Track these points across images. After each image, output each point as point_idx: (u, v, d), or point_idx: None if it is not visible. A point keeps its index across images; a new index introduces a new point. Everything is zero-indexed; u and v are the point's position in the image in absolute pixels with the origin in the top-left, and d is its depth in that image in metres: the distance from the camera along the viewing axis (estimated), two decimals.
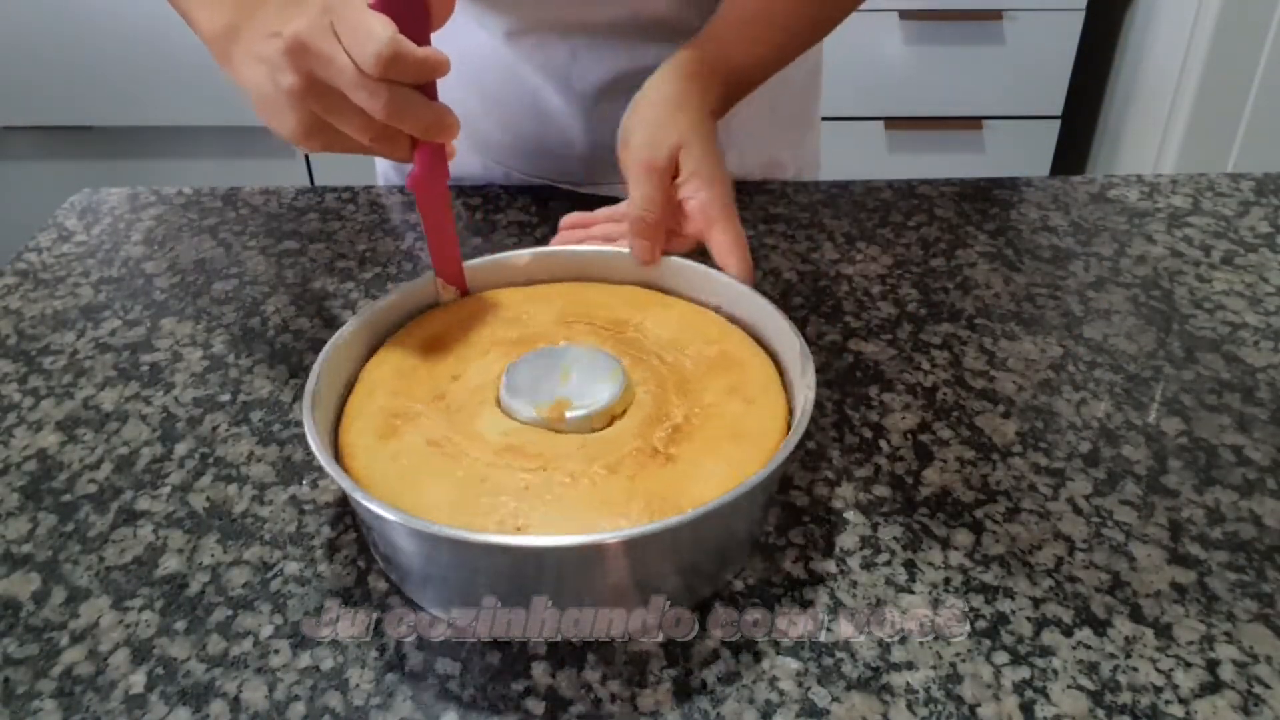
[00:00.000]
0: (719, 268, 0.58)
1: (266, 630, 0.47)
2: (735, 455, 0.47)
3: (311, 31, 0.46)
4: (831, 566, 0.50)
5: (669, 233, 0.60)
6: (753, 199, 0.81)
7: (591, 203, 0.79)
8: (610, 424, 0.49)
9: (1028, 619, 0.47)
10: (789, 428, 0.49)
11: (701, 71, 0.64)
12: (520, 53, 0.76)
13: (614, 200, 0.65)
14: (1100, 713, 0.43)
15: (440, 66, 0.47)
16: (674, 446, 0.48)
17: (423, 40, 0.47)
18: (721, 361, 0.54)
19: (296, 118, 0.49)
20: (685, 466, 0.47)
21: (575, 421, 0.49)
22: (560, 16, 0.74)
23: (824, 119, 0.93)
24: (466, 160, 0.84)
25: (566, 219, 0.66)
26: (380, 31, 0.45)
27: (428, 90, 0.48)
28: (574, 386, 0.50)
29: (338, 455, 0.49)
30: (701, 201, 0.59)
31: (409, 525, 0.42)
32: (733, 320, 0.58)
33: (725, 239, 0.58)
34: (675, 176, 0.60)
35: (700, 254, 0.59)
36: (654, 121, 0.61)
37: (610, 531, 0.43)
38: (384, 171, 0.91)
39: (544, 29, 0.74)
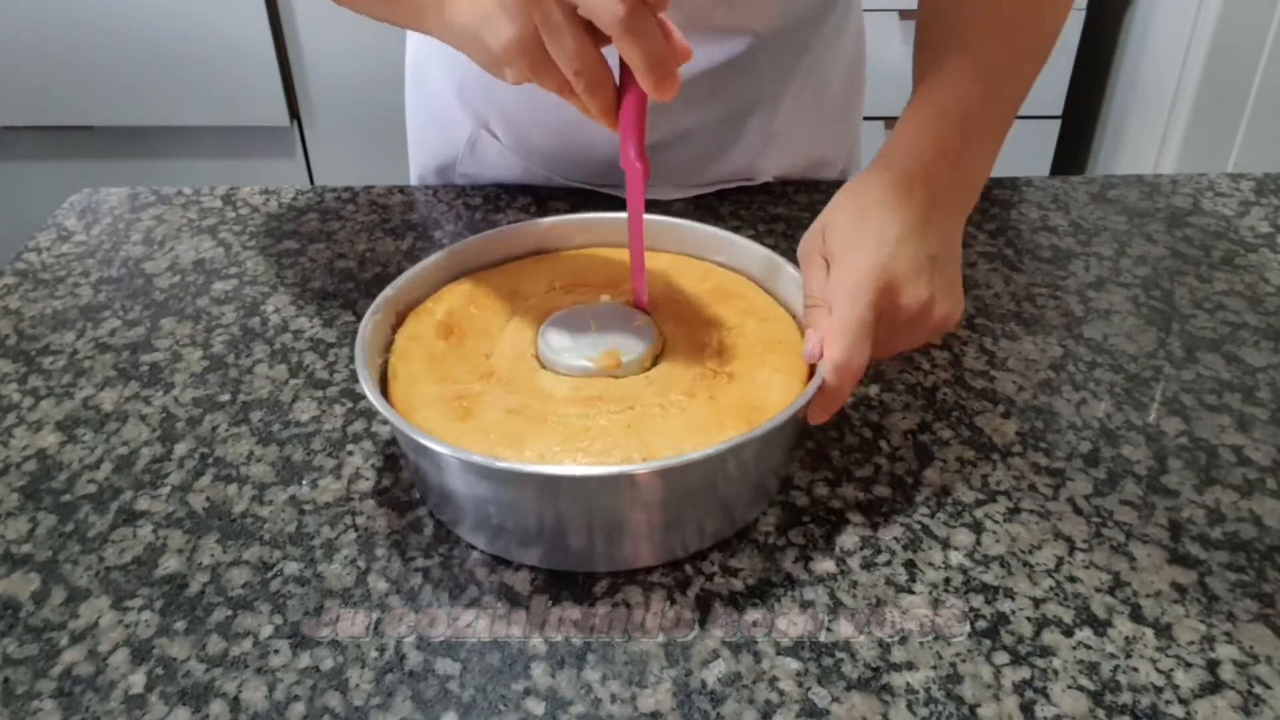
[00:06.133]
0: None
1: (266, 630, 0.47)
2: (782, 363, 0.53)
3: None
4: (831, 566, 0.50)
5: None
6: (753, 199, 0.81)
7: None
8: (655, 363, 0.53)
9: (1028, 619, 0.47)
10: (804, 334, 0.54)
11: (901, 166, 0.58)
12: None
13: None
14: (1100, 713, 0.43)
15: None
16: (728, 365, 0.53)
17: None
18: (720, 292, 0.58)
19: (516, 28, 0.47)
20: (748, 379, 0.52)
21: (630, 365, 0.52)
22: None
23: None
24: (508, 164, 0.84)
25: None
26: None
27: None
28: (611, 336, 0.53)
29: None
30: (830, 285, 0.53)
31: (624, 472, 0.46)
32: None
33: (829, 324, 0.52)
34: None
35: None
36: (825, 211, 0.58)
37: (736, 437, 0.46)
38: (420, 173, 0.90)
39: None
